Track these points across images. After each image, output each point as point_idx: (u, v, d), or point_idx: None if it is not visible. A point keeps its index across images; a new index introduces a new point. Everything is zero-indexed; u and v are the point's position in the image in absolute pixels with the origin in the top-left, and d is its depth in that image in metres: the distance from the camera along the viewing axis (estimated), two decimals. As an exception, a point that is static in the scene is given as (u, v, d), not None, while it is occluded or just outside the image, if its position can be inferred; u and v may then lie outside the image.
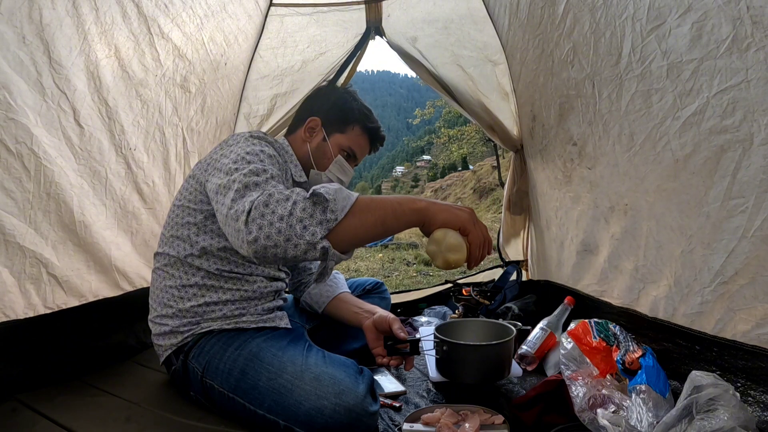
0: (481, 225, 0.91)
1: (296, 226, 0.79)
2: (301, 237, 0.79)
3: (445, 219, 0.88)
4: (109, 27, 1.26)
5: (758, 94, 0.84)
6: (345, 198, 0.84)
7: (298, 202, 0.81)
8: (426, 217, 0.88)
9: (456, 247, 0.88)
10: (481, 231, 0.90)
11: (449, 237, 0.88)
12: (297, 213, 0.80)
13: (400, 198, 0.89)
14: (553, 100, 1.55)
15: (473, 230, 0.89)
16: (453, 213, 0.89)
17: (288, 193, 0.83)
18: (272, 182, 0.91)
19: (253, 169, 0.92)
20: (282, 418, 0.93)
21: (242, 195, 0.86)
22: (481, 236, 0.90)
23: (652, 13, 1.04)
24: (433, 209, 0.88)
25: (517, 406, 1.04)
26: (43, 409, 1.03)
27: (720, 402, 0.76)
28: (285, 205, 0.81)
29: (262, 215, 0.80)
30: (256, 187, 0.87)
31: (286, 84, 1.99)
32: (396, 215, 0.87)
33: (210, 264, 1.11)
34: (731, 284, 0.95)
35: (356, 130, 1.29)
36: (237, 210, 0.84)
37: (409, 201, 0.89)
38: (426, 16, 1.90)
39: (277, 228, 0.79)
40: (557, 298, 1.50)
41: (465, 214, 0.90)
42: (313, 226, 0.80)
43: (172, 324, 1.10)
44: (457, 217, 0.88)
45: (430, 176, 41.11)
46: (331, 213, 0.81)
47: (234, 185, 0.89)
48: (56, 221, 1.19)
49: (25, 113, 1.07)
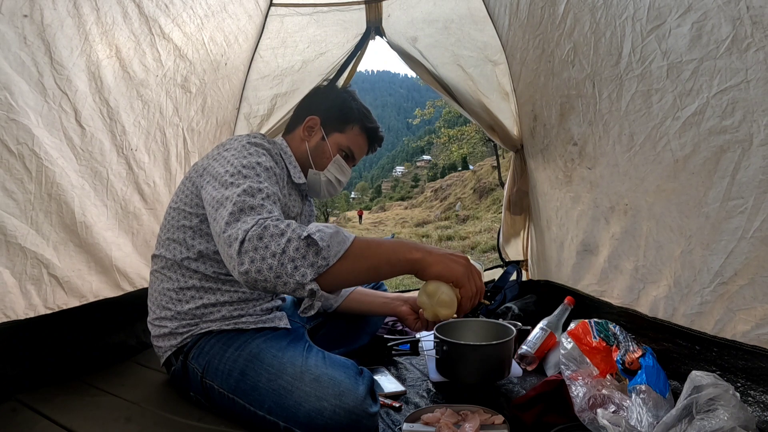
0: (474, 276, 0.91)
1: (287, 265, 0.81)
2: (291, 276, 0.81)
3: (439, 272, 0.89)
4: (110, 27, 1.26)
5: (758, 95, 0.85)
6: (339, 243, 0.84)
7: (292, 241, 0.82)
8: (420, 267, 0.89)
9: (447, 303, 0.90)
10: (474, 283, 0.91)
11: (441, 293, 0.89)
12: (290, 252, 0.81)
13: (396, 245, 0.89)
14: (553, 100, 1.55)
15: (466, 284, 0.90)
16: (447, 266, 0.89)
17: (283, 228, 0.83)
18: (267, 205, 0.91)
19: (247, 189, 0.92)
20: (282, 419, 0.93)
21: (237, 219, 0.86)
22: (474, 289, 0.91)
23: (652, 13, 1.04)
24: (427, 260, 0.89)
25: (517, 406, 1.04)
26: (43, 409, 1.03)
27: (720, 402, 0.76)
28: (279, 241, 0.81)
29: (255, 249, 0.81)
30: (252, 211, 0.88)
31: (286, 84, 1.99)
32: (390, 263, 0.88)
33: (207, 267, 1.11)
34: (731, 284, 0.95)
35: (355, 130, 1.29)
36: (230, 236, 0.84)
37: (405, 250, 0.89)
38: (426, 16, 1.90)
39: (268, 264, 0.80)
40: (557, 298, 1.50)
41: (459, 267, 0.90)
42: (304, 268, 0.81)
43: (171, 326, 1.10)
44: (452, 271, 0.89)
45: (430, 176, 41.12)
46: (323, 258, 0.82)
47: (228, 205, 0.89)
48: (57, 222, 1.19)
49: (27, 114, 1.07)
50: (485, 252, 9.17)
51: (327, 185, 1.29)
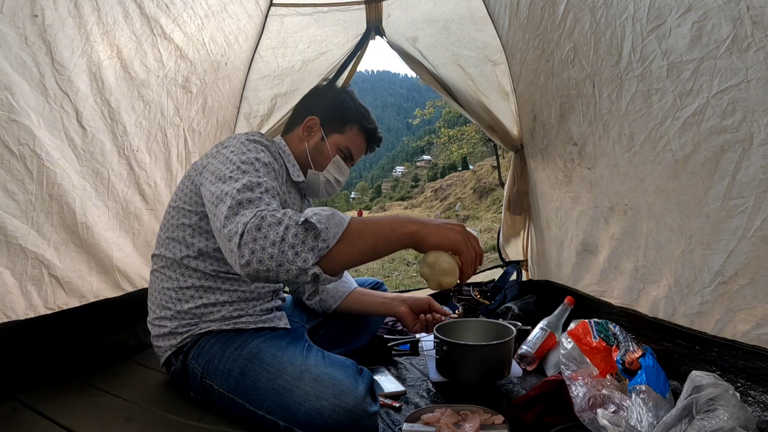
0: (472, 241, 0.92)
1: (288, 252, 0.81)
2: (293, 263, 0.81)
3: (437, 241, 0.89)
4: (111, 27, 1.26)
5: (758, 94, 0.84)
6: (337, 224, 0.84)
7: (290, 227, 0.82)
8: (417, 239, 0.89)
9: (449, 271, 0.90)
10: (473, 249, 0.91)
11: (441, 261, 0.89)
12: (289, 239, 0.81)
13: (392, 221, 0.90)
14: (553, 100, 1.55)
15: (465, 250, 0.90)
16: (444, 235, 0.89)
17: (280, 216, 0.83)
18: (266, 198, 0.91)
19: (246, 183, 0.92)
20: (282, 418, 0.93)
21: (235, 212, 0.87)
22: (473, 254, 0.91)
23: (652, 13, 1.04)
24: (424, 232, 0.89)
25: (517, 406, 1.04)
26: (43, 409, 1.03)
27: (720, 402, 0.76)
28: (277, 230, 0.81)
29: (254, 239, 0.81)
30: (250, 205, 0.88)
31: (286, 84, 1.99)
32: (388, 239, 0.88)
33: (206, 265, 1.11)
34: (731, 284, 0.95)
35: (354, 131, 1.29)
36: (230, 230, 0.84)
37: (400, 224, 0.89)
38: (426, 16, 1.90)
39: (269, 253, 0.80)
40: (557, 298, 1.50)
41: (456, 234, 0.90)
42: (305, 253, 0.81)
43: (171, 325, 1.10)
44: (449, 240, 0.89)
45: (430, 176, 41.11)
46: (323, 241, 0.82)
47: (227, 200, 0.89)
48: (58, 223, 1.19)
49: (28, 115, 1.07)
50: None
51: (326, 185, 1.30)
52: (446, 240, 0.89)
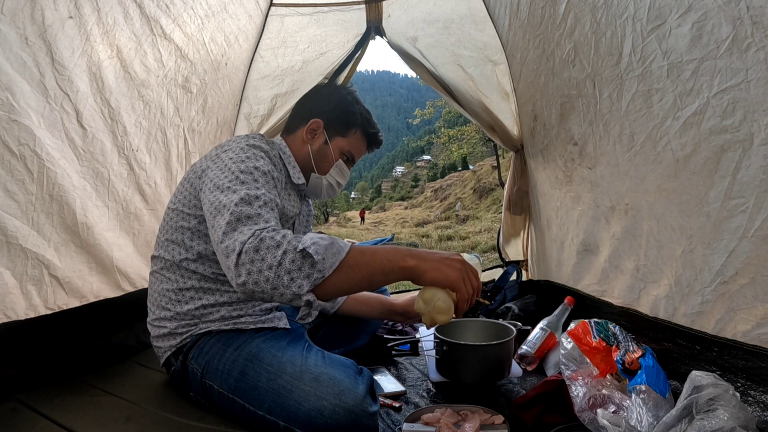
0: (470, 277, 0.92)
1: (284, 277, 0.82)
2: (288, 288, 0.82)
3: (434, 278, 0.89)
4: (111, 28, 1.26)
5: (758, 94, 0.85)
6: (334, 254, 0.85)
7: (288, 253, 0.83)
8: (415, 274, 0.90)
9: (444, 310, 0.90)
10: (470, 286, 0.91)
11: (437, 300, 0.90)
12: (286, 264, 0.82)
13: (391, 253, 0.89)
14: (554, 100, 1.55)
15: (462, 289, 0.90)
16: (442, 272, 0.89)
17: (279, 239, 0.84)
18: (264, 213, 0.91)
19: (244, 197, 0.92)
20: (282, 418, 0.93)
21: (234, 228, 0.87)
22: (470, 292, 0.91)
23: (652, 13, 1.04)
24: (422, 268, 0.89)
25: (517, 406, 1.04)
26: (43, 409, 1.03)
27: (720, 402, 0.76)
28: (275, 253, 0.82)
29: (252, 261, 0.82)
30: (248, 221, 0.88)
31: (286, 84, 1.99)
32: (384, 272, 0.88)
33: (206, 268, 1.11)
34: (731, 284, 0.95)
35: (357, 135, 1.28)
36: (228, 247, 0.85)
37: (399, 257, 0.89)
38: (426, 16, 1.90)
39: (265, 276, 0.82)
40: (557, 298, 1.50)
41: (454, 272, 0.90)
42: (300, 279, 0.82)
43: (171, 326, 1.10)
44: (447, 277, 0.89)
45: (430, 176, 41.12)
46: (319, 271, 0.83)
47: (225, 213, 0.90)
48: (59, 223, 1.19)
49: (28, 115, 1.07)
50: (485, 252, 9.19)
51: (328, 188, 1.30)
52: (444, 277, 0.89)
